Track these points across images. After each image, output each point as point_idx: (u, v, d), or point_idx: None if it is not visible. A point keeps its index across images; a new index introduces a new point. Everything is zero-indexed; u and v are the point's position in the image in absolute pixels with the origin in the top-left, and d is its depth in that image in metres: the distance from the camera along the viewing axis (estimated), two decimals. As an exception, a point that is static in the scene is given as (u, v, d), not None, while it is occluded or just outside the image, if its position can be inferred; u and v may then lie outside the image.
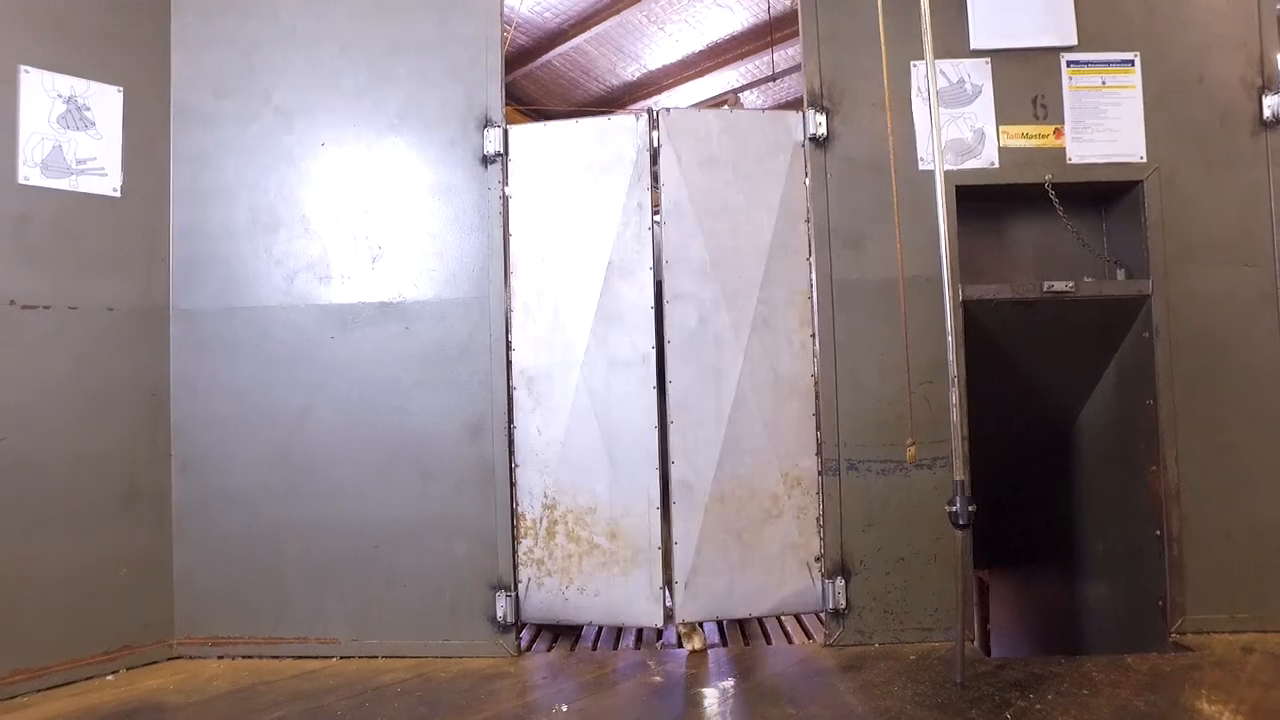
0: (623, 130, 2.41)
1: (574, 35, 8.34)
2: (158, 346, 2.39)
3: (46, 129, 2.20)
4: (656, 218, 2.41)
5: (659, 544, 2.35)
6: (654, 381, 2.37)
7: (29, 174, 2.17)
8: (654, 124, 2.40)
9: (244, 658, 2.36)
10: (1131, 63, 2.42)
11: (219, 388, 2.40)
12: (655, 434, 2.35)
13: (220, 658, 2.36)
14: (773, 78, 7.88)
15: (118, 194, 2.32)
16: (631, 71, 9.54)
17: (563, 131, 2.44)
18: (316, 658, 2.34)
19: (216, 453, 2.40)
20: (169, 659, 2.36)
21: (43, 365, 2.18)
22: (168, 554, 2.37)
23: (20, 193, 2.16)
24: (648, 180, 2.40)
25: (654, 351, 2.37)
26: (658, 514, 2.36)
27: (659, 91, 9.66)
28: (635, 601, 2.36)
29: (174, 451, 2.39)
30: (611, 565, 2.40)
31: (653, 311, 2.38)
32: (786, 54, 8.28)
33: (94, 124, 2.28)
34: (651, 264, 2.38)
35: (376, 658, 2.33)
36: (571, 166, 2.41)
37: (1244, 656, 2.09)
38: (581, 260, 2.39)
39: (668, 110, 2.39)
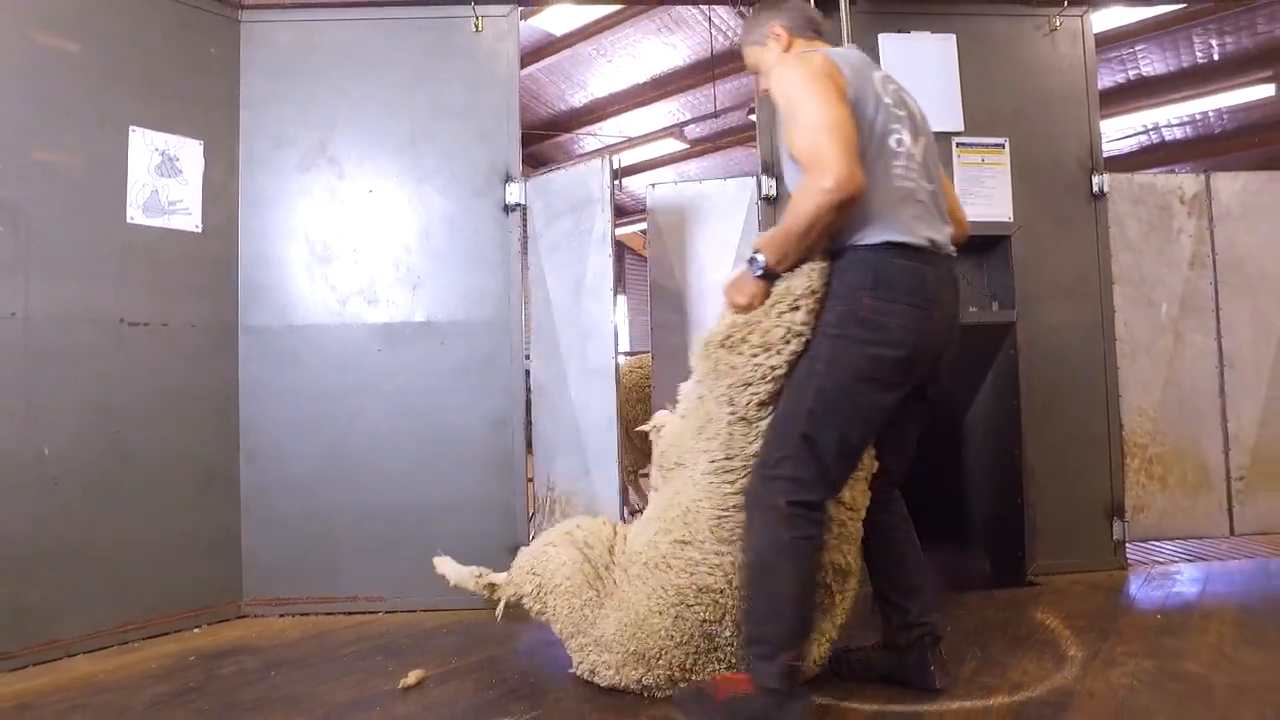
0: (593, 172, 2.88)
1: (527, 65, 8.90)
2: (229, 357, 2.86)
3: (147, 177, 2.66)
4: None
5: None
6: (613, 387, 2.78)
7: (134, 214, 2.63)
8: (615, 169, 2.86)
9: (302, 614, 2.85)
10: (1003, 146, 3.19)
11: (281, 392, 2.89)
12: (614, 432, 2.74)
13: (282, 615, 2.84)
14: (715, 114, 8.60)
15: (199, 230, 2.79)
16: (579, 99, 10.16)
17: (557, 178, 2.99)
18: (365, 613, 2.85)
19: (278, 447, 2.88)
20: (239, 617, 2.83)
21: (143, 372, 2.63)
22: (237, 530, 2.84)
23: (128, 230, 2.61)
24: (610, 213, 2.80)
25: (614, 360, 2.80)
26: (618, 500, 2.78)
27: (604, 118, 10.31)
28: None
29: (242, 445, 2.87)
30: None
31: (613, 326, 2.80)
32: (726, 88, 9.06)
33: (181, 172, 2.75)
34: (612, 284, 2.79)
35: (417, 611, 2.86)
36: (562, 206, 2.96)
37: (1071, 586, 2.89)
38: (569, 284, 2.93)
39: (653, 185, 3.03)
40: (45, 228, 2.45)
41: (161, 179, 2.70)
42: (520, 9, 3.06)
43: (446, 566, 2.38)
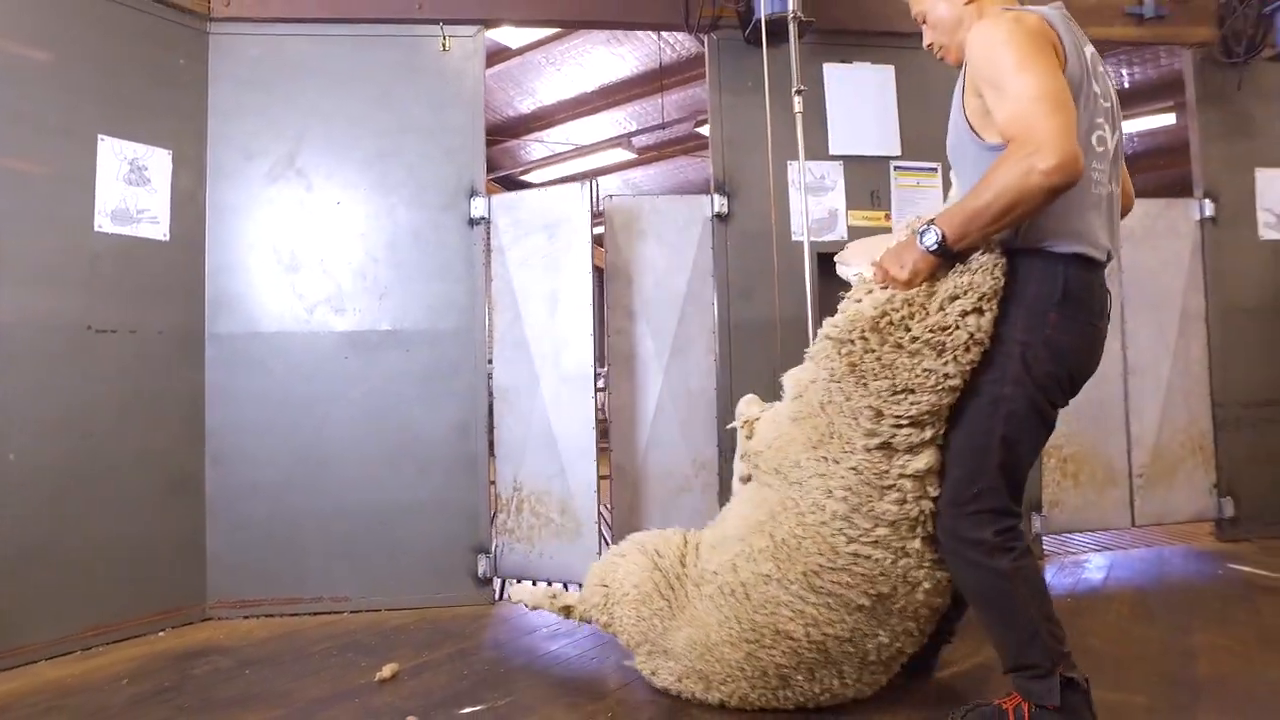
0: (572, 195, 3.05)
1: (479, 71, 8.94)
2: (196, 364, 2.90)
3: (115, 186, 2.69)
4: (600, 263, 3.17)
5: (596, 519, 3.00)
6: (592, 392, 3.01)
7: (102, 222, 2.66)
8: (595, 191, 3.10)
9: (267, 616, 2.90)
10: (935, 170, 3.45)
11: (247, 397, 2.94)
12: (593, 433, 2.99)
13: (247, 617, 2.89)
14: (662, 125, 8.81)
15: (167, 238, 2.83)
16: (527, 105, 10.25)
17: (528, 199, 3.17)
18: (330, 613, 2.92)
19: (244, 452, 2.93)
20: (204, 619, 2.87)
21: (110, 378, 2.66)
22: (203, 534, 2.88)
23: (96, 238, 2.64)
24: (589, 233, 3.02)
25: (592, 367, 3.02)
26: (595, 496, 3.00)
27: (552, 125, 10.42)
28: (578, 562, 2.93)
29: (208, 450, 2.91)
30: (562, 535, 3.10)
31: (592, 338, 3.02)
32: (674, 99, 9.28)
33: (150, 181, 2.78)
34: (591, 298, 3.00)
35: (381, 610, 2.94)
36: (534, 223, 3.11)
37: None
38: (542, 297, 3.10)
39: (610, 197, 3.19)
40: (13, 235, 2.46)
41: (130, 188, 2.73)
42: (484, 30, 3.18)
43: (523, 593, 2.37)
